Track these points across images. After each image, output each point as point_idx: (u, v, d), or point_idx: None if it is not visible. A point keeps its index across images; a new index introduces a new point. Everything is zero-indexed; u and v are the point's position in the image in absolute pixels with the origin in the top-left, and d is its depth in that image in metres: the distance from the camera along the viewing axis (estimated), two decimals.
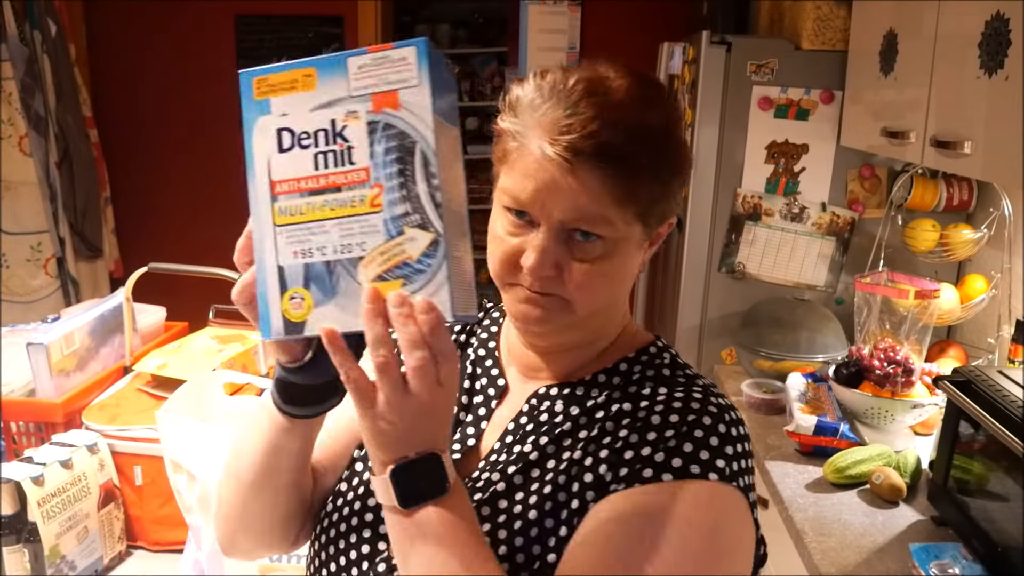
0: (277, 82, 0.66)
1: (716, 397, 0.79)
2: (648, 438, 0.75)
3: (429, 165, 0.64)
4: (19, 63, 2.82)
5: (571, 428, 0.79)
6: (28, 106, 2.85)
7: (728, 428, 0.76)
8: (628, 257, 0.78)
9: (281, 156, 0.66)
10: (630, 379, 0.82)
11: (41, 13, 2.90)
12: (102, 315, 1.74)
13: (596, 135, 0.71)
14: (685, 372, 0.83)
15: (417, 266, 0.64)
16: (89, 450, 1.43)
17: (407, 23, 4.49)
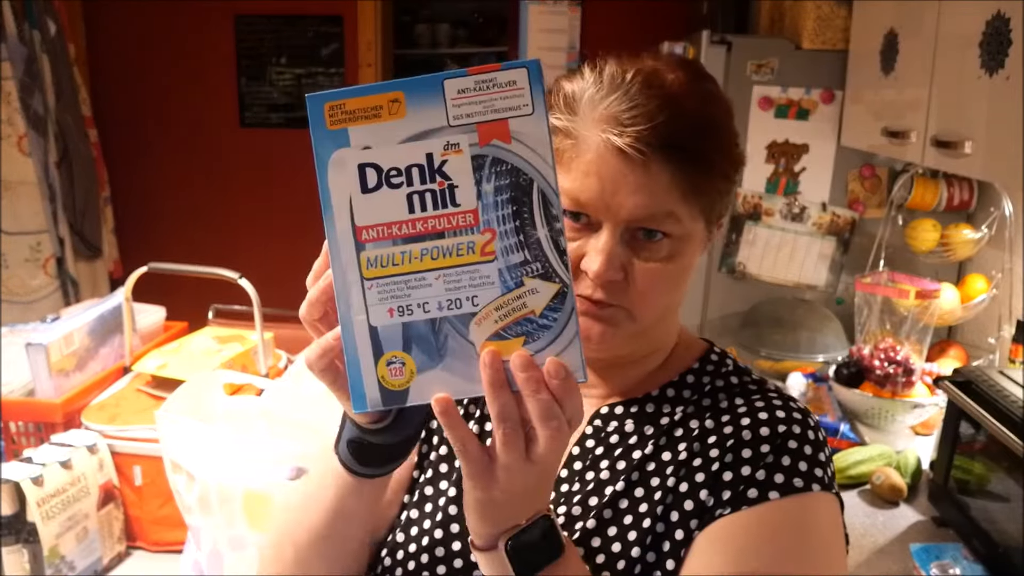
0: (356, 108, 0.56)
1: (793, 402, 0.77)
2: (744, 456, 0.72)
3: (551, 206, 0.56)
4: (18, 63, 2.81)
5: (652, 451, 0.75)
6: (27, 106, 2.85)
7: (816, 433, 0.75)
8: (692, 257, 0.74)
9: (366, 197, 0.57)
10: (702, 392, 0.79)
11: (40, 13, 2.90)
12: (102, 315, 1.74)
13: (664, 127, 0.68)
14: (751, 378, 0.81)
15: (541, 321, 0.57)
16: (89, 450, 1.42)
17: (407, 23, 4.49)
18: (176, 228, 3.59)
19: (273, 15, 3.38)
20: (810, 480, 0.72)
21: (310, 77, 3.43)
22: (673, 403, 0.78)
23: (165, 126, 3.51)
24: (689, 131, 0.70)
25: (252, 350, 1.72)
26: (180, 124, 3.50)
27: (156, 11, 3.38)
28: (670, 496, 0.73)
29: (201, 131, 3.50)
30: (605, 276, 0.69)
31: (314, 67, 3.42)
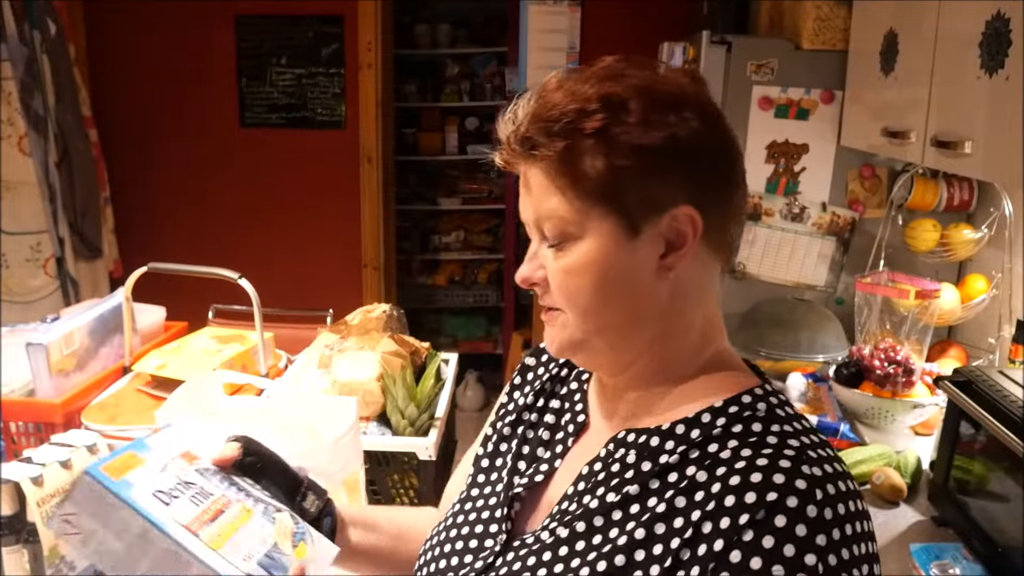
0: (120, 465, 0.80)
1: (812, 465, 0.64)
2: (722, 526, 0.64)
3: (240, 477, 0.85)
4: (18, 63, 2.82)
5: (639, 492, 0.70)
6: (27, 106, 2.85)
7: (822, 509, 0.62)
8: (610, 256, 0.70)
9: (170, 509, 0.78)
10: (711, 435, 0.70)
11: (40, 13, 2.90)
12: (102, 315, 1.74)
13: (522, 129, 0.69)
14: (782, 428, 0.69)
15: (299, 531, 0.83)
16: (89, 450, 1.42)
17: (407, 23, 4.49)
18: (176, 228, 3.59)
19: (273, 15, 3.38)
20: (796, 570, 0.61)
21: (310, 77, 3.43)
22: (678, 442, 0.71)
23: (165, 126, 3.51)
24: (545, 127, 0.68)
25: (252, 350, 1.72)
26: (180, 124, 3.50)
27: (156, 11, 3.38)
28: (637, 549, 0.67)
29: (201, 131, 3.50)
30: (518, 278, 0.74)
31: (314, 67, 3.42)
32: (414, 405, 1.57)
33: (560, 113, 0.68)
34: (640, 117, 0.68)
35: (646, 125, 0.68)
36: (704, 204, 0.70)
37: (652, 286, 0.71)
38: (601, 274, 0.70)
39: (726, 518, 0.64)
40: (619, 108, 0.68)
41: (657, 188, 0.69)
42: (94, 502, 0.77)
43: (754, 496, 0.63)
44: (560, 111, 0.68)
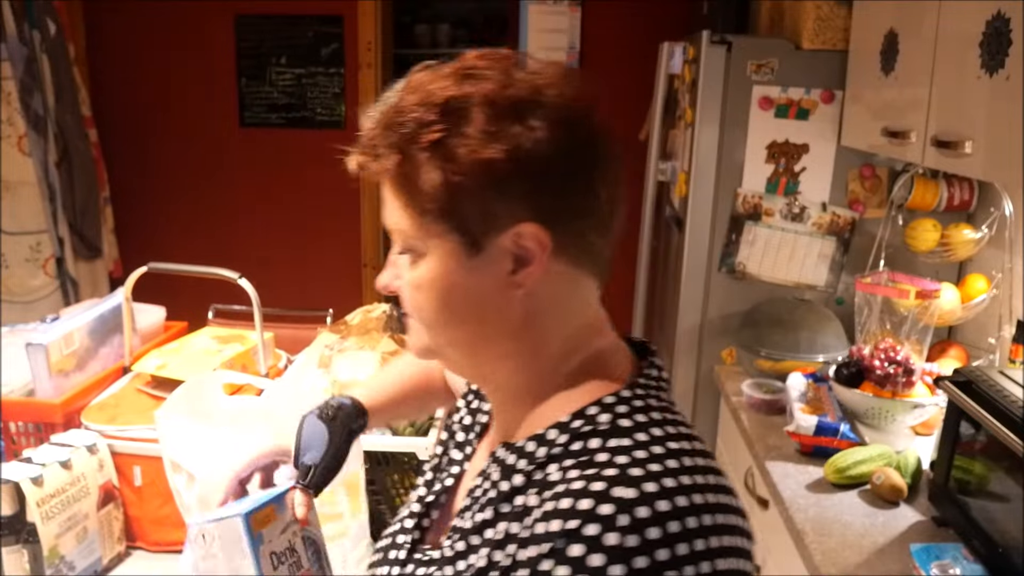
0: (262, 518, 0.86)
1: (630, 485, 0.59)
2: (529, 555, 0.60)
3: None
4: (18, 63, 2.81)
5: (492, 517, 0.67)
6: (27, 106, 2.85)
7: (624, 536, 0.56)
8: (451, 274, 0.66)
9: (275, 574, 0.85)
10: (553, 454, 0.65)
11: (40, 13, 2.90)
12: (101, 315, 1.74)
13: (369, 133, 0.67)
14: (619, 443, 0.63)
15: None
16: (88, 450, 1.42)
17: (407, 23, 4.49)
18: (176, 228, 3.59)
19: (273, 15, 3.38)
20: None
21: (310, 77, 3.43)
22: (529, 461, 0.67)
23: (165, 126, 3.51)
24: (384, 136, 0.65)
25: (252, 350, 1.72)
26: (180, 124, 3.50)
27: (156, 11, 3.38)
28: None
29: (201, 131, 3.50)
30: (378, 284, 0.73)
31: (314, 67, 3.42)
32: None
33: (400, 122, 0.65)
34: (480, 128, 0.63)
35: (486, 137, 0.63)
36: (552, 219, 0.65)
37: (501, 303, 0.67)
38: (444, 292, 0.67)
39: (533, 547, 0.60)
40: (459, 118, 0.63)
41: (497, 204, 0.64)
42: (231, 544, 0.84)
43: (559, 524, 0.59)
44: (401, 119, 0.65)
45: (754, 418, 1.94)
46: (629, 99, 3.28)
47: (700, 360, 2.34)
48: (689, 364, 2.35)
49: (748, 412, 1.97)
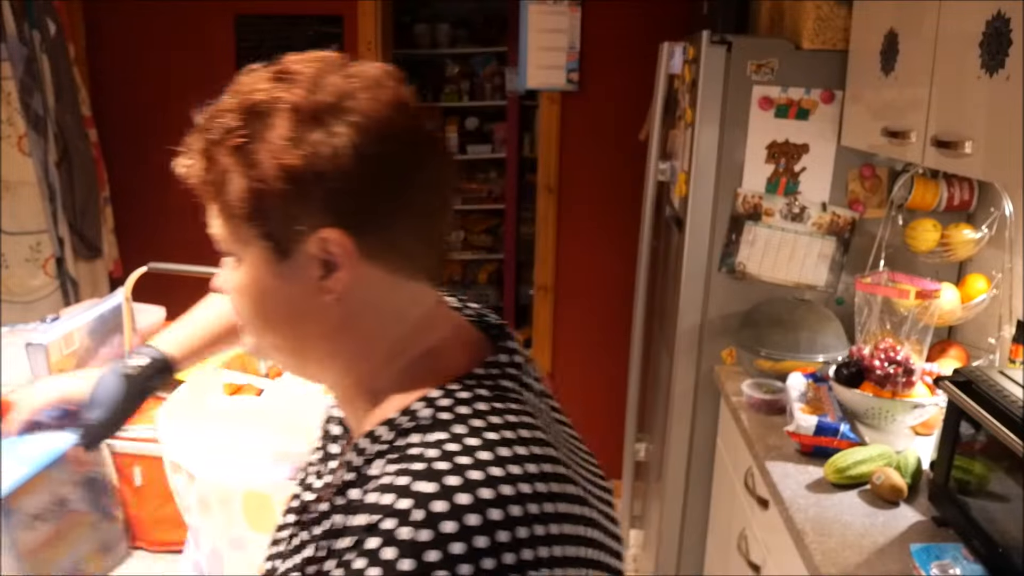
0: None
1: (432, 479, 0.59)
2: (340, 548, 0.61)
3: None
4: (18, 63, 2.81)
5: (328, 510, 0.67)
6: (27, 106, 2.85)
7: (418, 530, 0.57)
8: (262, 280, 0.68)
9: None
10: (378, 450, 0.66)
11: (40, 12, 2.90)
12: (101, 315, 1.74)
13: (190, 136, 0.70)
14: (436, 437, 0.63)
15: None
16: None
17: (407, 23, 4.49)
18: (176, 228, 3.58)
19: (273, 15, 3.38)
20: (343, 568, 0.58)
21: None
22: (360, 455, 0.67)
23: (165, 126, 3.50)
24: (196, 140, 0.68)
25: None
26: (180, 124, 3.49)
27: (156, 11, 3.38)
28: (308, 567, 0.66)
29: None
30: (212, 284, 0.78)
31: None
32: None
33: (208, 127, 0.67)
34: (282, 134, 0.64)
35: (287, 143, 0.63)
36: (357, 225, 0.65)
37: (314, 308, 0.68)
38: (257, 297, 0.70)
39: (346, 539, 0.61)
40: (263, 123, 0.64)
41: (300, 210, 0.65)
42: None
43: (365, 518, 0.60)
44: (210, 124, 0.67)
45: (754, 418, 1.94)
46: (629, 99, 3.28)
47: (700, 360, 2.34)
48: (689, 364, 2.35)
49: (748, 412, 1.97)
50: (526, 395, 0.72)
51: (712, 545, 2.40)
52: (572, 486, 0.66)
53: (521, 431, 0.65)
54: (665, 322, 2.58)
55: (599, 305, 3.48)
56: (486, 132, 4.66)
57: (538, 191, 3.43)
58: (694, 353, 2.34)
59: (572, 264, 3.47)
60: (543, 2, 3.25)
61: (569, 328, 3.53)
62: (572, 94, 3.32)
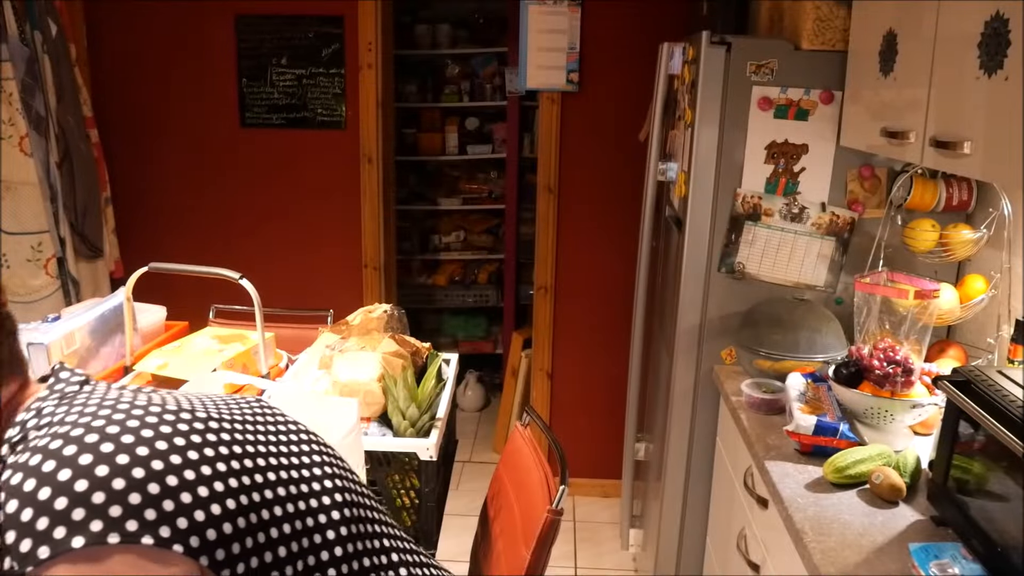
0: None
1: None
2: None
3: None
4: (19, 63, 2.82)
5: None
6: (28, 106, 2.86)
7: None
8: None
9: None
10: None
11: (41, 13, 2.91)
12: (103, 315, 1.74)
13: None
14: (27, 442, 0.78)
15: None
16: None
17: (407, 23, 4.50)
18: (176, 228, 3.59)
19: (273, 15, 3.38)
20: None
21: (310, 77, 3.43)
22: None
23: (166, 126, 3.51)
24: None
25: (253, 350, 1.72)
26: (181, 124, 3.51)
27: (157, 12, 3.38)
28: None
29: (202, 131, 3.50)
30: None
31: (314, 67, 3.43)
32: (415, 406, 1.57)
33: None
34: None
35: None
36: None
37: None
38: None
39: None
40: None
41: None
42: None
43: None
44: None
45: (753, 418, 1.94)
46: (629, 99, 3.29)
47: (700, 360, 2.34)
48: (689, 364, 2.35)
49: (747, 412, 1.97)
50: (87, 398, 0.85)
51: (712, 544, 2.40)
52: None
53: None
54: (665, 322, 2.59)
55: (599, 305, 3.48)
56: (486, 132, 4.66)
57: (538, 191, 3.44)
58: (694, 353, 2.34)
59: (572, 264, 3.48)
60: (543, 2, 3.26)
61: (569, 328, 3.54)
62: (572, 94, 3.33)
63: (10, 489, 0.72)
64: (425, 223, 4.76)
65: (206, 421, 0.84)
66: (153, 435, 0.78)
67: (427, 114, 4.58)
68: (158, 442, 0.78)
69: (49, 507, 0.71)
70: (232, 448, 0.83)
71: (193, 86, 3.47)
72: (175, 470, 0.76)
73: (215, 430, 0.84)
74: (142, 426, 0.79)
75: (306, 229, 3.55)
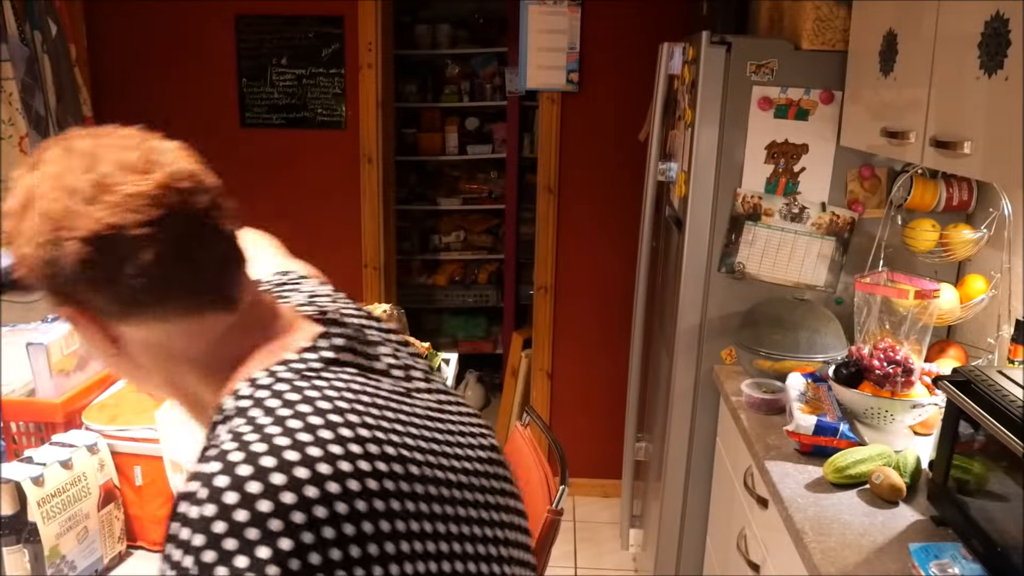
0: None
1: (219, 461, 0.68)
2: None
3: None
4: (19, 63, 2.82)
5: None
6: (28, 106, 2.85)
7: (203, 506, 0.66)
8: (86, 334, 0.80)
9: None
10: (199, 451, 0.75)
11: (41, 13, 2.90)
12: None
13: None
14: (234, 424, 0.72)
15: None
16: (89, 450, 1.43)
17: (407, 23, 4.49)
18: None
19: (273, 15, 3.38)
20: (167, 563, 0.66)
21: (310, 77, 3.43)
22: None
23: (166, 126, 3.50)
24: None
25: None
26: (181, 124, 3.48)
27: (157, 12, 3.38)
28: None
29: (202, 132, 3.48)
30: None
31: (314, 67, 3.42)
32: None
33: None
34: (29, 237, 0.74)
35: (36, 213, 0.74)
36: (83, 301, 0.75)
37: (112, 359, 0.82)
38: (95, 350, 0.82)
39: None
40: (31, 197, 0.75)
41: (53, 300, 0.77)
42: None
43: (192, 485, 0.69)
44: None
45: (753, 418, 1.94)
46: (629, 99, 3.28)
47: (700, 360, 2.34)
48: (689, 364, 2.35)
49: (747, 412, 1.97)
50: (354, 376, 0.80)
51: (712, 545, 2.40)
52: (400, 466, 0.72)
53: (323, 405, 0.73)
54: (665, 322, 2.59)
55: (599, 305, 3.48)
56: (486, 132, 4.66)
57: (538, 191, 3.44)
58: (694, 353, 2.34)
59: (572, 264, 3.48)
60: (543, 3, 3.26)
61: (569, 328, 3.54)
62: (572, 94, 3.33)
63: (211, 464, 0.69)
64: (425, 223, 4.76)
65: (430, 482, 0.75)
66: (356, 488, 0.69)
67: (427, 114, 4.57)
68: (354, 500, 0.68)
69: (230, 516, 0.66)
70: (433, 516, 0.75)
71: (193, 86, 3.47)
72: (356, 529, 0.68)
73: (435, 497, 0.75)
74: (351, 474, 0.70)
75: (306, 229, 3.55)
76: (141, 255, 0.73)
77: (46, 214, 0.72)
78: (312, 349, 0.79)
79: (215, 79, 3.44)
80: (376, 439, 0.72)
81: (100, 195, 0.73)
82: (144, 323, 0.77)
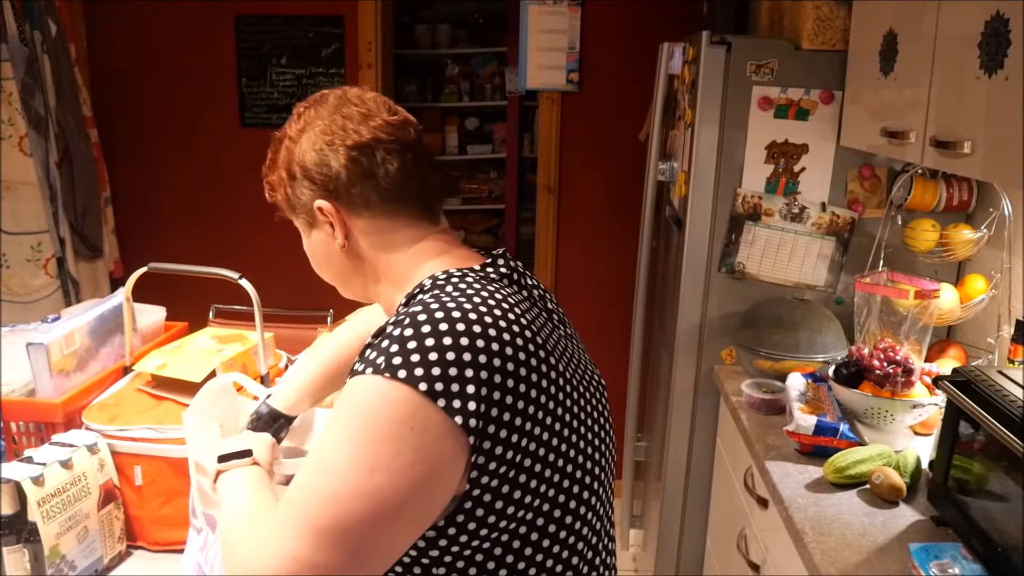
0: None
1: (430, 312, 0.86)
2: None
3: None
4: (19, 63, 2.82)
5: None
6: (28, 106, 2.85)
7: (405, 330, 0.85)
8: (308, 242, 1.09)
9: None
10: (392, 319, 0.93)
11: (41, 13, 2.90)
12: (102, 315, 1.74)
13: None
14: (424, 297, 0.92)
15: None
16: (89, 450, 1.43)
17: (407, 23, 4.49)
18: (176, 228, 3.59)
19: (273, 15, 3.38)
20: (366, 365, 0.85)
21: (310, 78, 3.43)
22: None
23: (166, 126, 3.51)
24: None
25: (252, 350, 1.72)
26: (181, 124, 3.50)
27: (157, 11, 3.38)
28: None
29: (202, 131, 3.50)
30: None
31: (314, 67, 3.42)
32: None
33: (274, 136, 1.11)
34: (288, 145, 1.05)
35: (291, 149, 1.05)
36: (334, 194, 1.01)
37: (340, 254, 1.05)
38: (311, 255, 1.10)
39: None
40: (291, 136, 1.05)
41: (300, 196, 1.04)
42: None
43: (387, 328, 0.89)
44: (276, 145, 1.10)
45: (753, 418, 1.94)
46: (629, 99, 3.28)
47: (700, 360, 2.34)
48: (689, 364, 2.35)
49: (748, 412, 1.97)
50: (517, 291, 1.01)
51: (712, 545, 2.40)
52: (534, 359, 0.90)
53: (496, 296, 0.93)
54: (665, 322, 2.59)
55: (599, 305, 3.48)
56: (486, 132, 4.66)
57: (538, 191, 3.44)
58: (694, 353, 2.34)
59: (572, 264, 3.48)
60: (543, 2, 3.26)
61: None
62: (572, 94, 3.33)
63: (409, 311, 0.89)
64: None
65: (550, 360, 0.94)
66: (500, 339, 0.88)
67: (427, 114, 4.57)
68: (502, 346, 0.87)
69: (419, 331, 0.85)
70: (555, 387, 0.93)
71: (193, 86, 3.47)
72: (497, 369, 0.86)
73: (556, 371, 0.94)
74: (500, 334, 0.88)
75: None
76: (388, 164, 0.99)
77: (327, 129, 1.00)
78: (485, 267, 1.00)
79: (215, 79, 3.44)
80: (533, 331, 0.92)
81: (366, 120, 1.00)
82: (376, 217, 1.01)
